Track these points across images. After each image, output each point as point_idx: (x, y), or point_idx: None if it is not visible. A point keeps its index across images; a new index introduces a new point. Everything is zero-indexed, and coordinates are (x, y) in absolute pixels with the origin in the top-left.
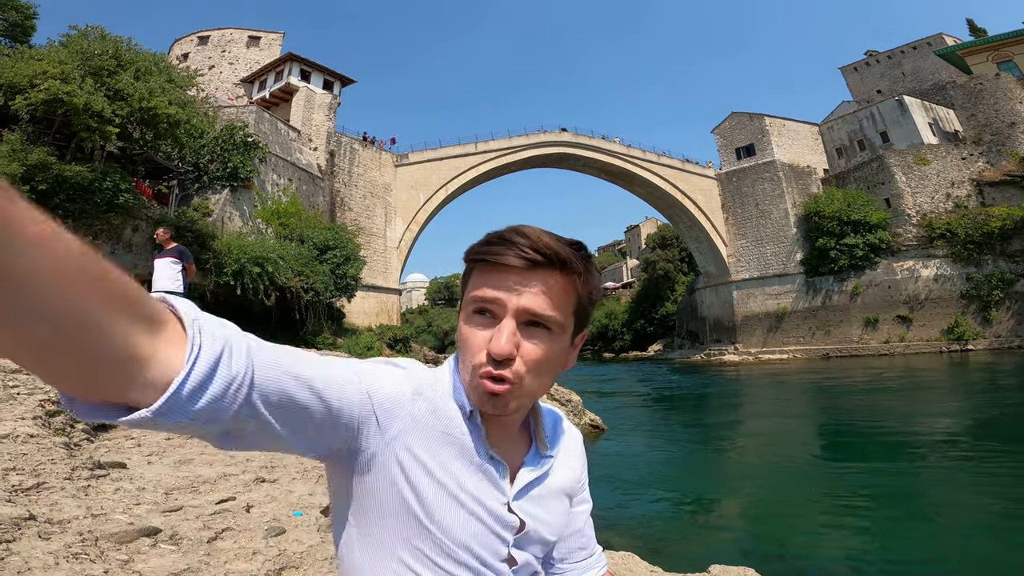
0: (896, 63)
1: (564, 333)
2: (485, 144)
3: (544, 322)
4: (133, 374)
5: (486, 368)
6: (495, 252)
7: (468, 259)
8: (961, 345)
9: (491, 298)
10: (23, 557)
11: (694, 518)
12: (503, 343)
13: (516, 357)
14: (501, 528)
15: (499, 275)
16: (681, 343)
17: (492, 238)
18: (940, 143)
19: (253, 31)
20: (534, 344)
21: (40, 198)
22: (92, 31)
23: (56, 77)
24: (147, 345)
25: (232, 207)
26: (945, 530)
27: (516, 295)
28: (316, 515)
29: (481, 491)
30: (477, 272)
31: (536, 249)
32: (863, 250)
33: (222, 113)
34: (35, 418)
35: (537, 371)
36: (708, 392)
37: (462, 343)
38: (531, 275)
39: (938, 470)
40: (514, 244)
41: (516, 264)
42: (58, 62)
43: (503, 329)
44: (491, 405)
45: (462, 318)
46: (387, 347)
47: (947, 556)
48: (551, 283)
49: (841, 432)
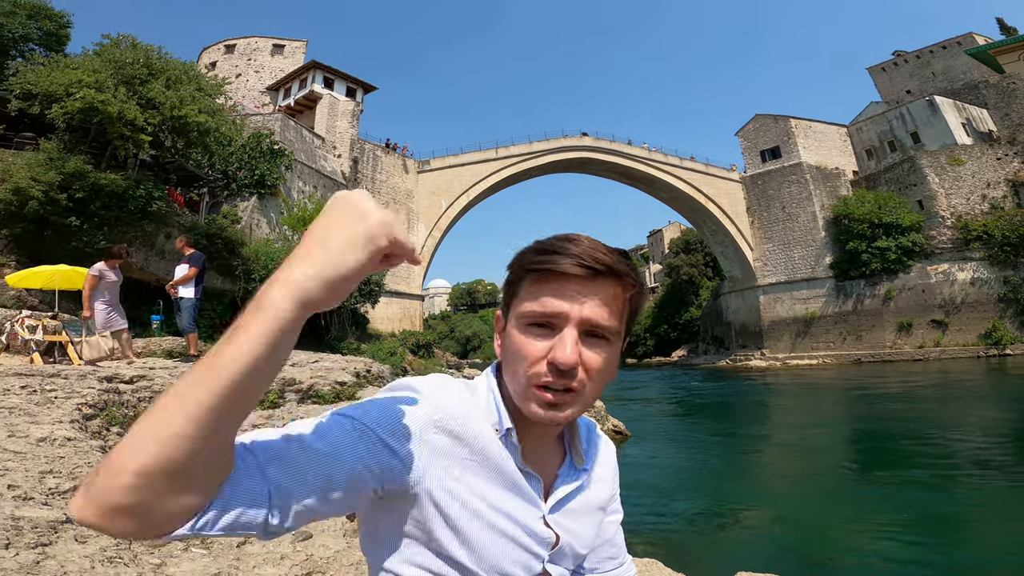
0: (925, 63)
1: (619, 342)
2: (506, 150)
3: (603, 333)
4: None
5: (547, 379)
6: (552, 261)
7: (521, 269)
8: (999, 350)
9: (554, 311)
10: (59, 561)
11: (719, 526)
12: (568, 353)
13: (579, 367)
14: (536, 544)
15: (558, 285)
16: (706, 348)
17: (545, 247)
18: (974, 143)
19: (277, 39)
20: (595, 354)
21: (77, 205)
22: (124, 40)
23: (91, 86)
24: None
25: (259, 214)
26: (979, 548)
27: (578, 305)
28: (342, 520)
29: (516, 509)
30: (530, 282)
31: (595, 259)
32: (895, 253)
33: (249, 121)
34: (72, 422)
35: (597, 380)
36: (734, 398)
37: (515, 353)
38: (591, 285)
39: (975, 484)
40: (571, 253)
41: (577, 273)
42: (92, 71)
43: (566, 339)
44: (547, 415)
45: (513, 327)
46: (410, 353)
47: (977, 562)
48: (610, 293)
49: (875, 441)
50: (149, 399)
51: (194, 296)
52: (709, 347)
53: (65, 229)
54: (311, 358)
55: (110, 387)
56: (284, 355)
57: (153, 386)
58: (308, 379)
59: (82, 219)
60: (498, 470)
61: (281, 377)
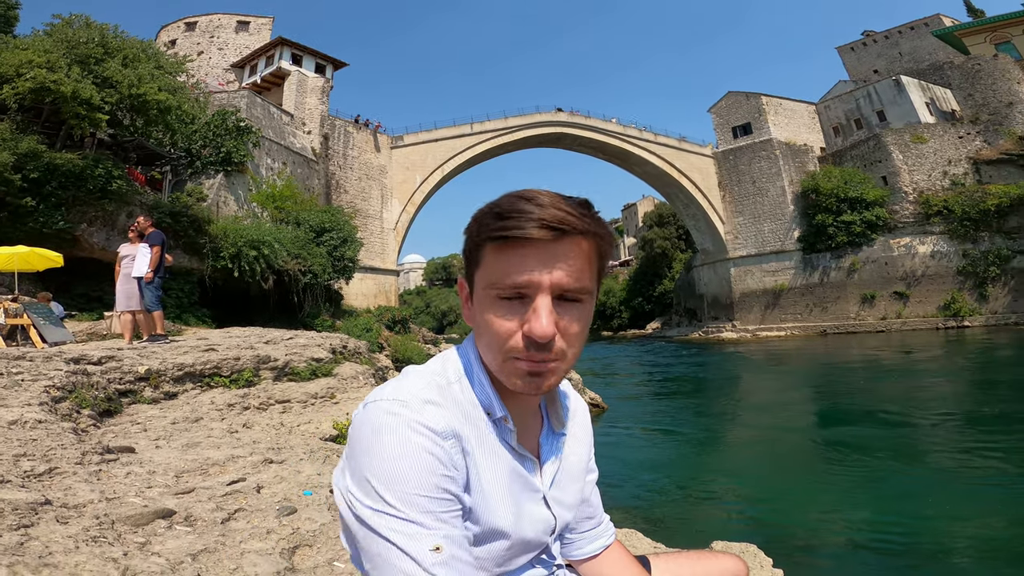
0: (893, 43)
1: (591, 299)
2: (481, 125)
3: (576, 295)
4: None
5: (524, 352)
6: (515, 226)
7: (481, 236)
8: (958, 321)
9: (523, 282)
10: (43, 542)
11: (695, 496)
12: (545, 325)
13: (557, 335)
14: (543, 533)
15: (523, 251)
16: (679, 321)
17: (505, 210)
18: (937, 122)
19: (242, 16)
20: (570, 318)
21: (32, 186)
22: (77, 19)
23: (42, 66)
24: None
25: (227, 191)
26: (942, 501)
27: (548, 271)
28: (326, 494)
29: (522, 499)
30: (493, 249)
31: (559, 219)
32: (860, 227)
33: (213, 98)
34: (41, 404)
35: (575, 343)
36: (707, 370)
37: (488, 328)
38: (557, 246)
39: (936, 445)
40: (534, 217)
41: (542, 236)
42: (43, 51)
43: (540, 309)
44: (529, 385)
45: (481, 301)
46: (386, 328)
47: (943, 527)
48: (578, 251)
49: (840, 409)
50: (119, 380)
51: (142, 276)
52: (682, 319)
53: (21, 210)
54: (285, 335)
55: (78, 368)
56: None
57: (122, 367)
58: (283, 356)
59: (38, 199)
60: (500, 457)
61: (256, 355)
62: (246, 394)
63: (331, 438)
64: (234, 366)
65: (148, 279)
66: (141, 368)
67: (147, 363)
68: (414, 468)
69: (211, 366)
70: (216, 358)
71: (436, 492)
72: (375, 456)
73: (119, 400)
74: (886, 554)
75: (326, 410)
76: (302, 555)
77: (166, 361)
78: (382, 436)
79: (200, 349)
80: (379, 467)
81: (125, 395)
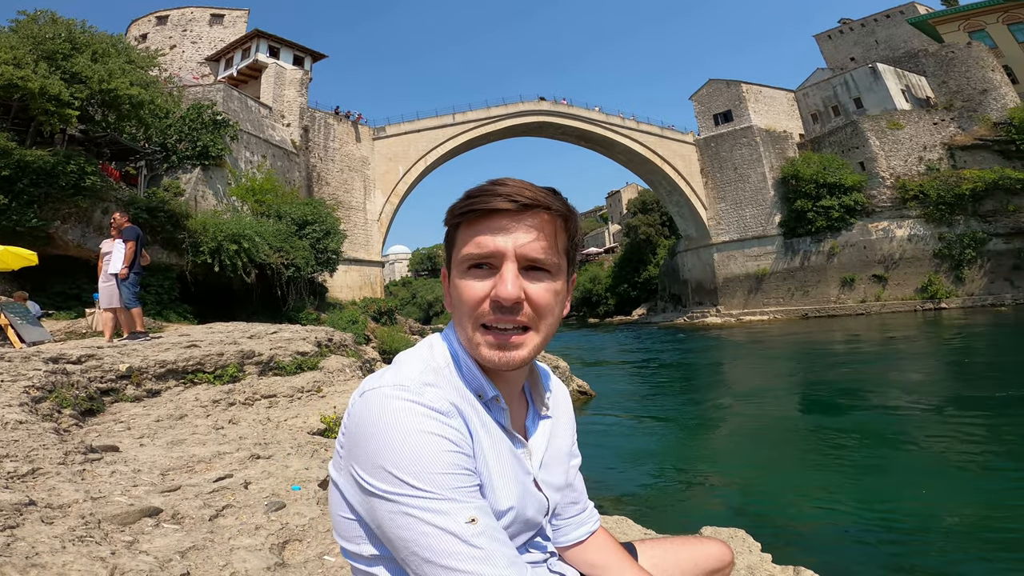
0: (869, 31)
1: (561, 274)
2: (463, 115)
3: (543, 265)
4: None
5: (491, 317)
6: (482, 201)
7: (453, 216)
8: (935, 304)
9: (488, 250)
10: (29, 542)
11: (684, 483)
12: (510, 288)
13: (523, 302)
14: (539, 513)
15: (490, 223)
16: (664, 306)
17: (474, 191)
18: (913, 109)
19: (216, 9)
20: (538, 287)
21: (3, 184)
22: (42, 15)
23: (8, 63)
24: None
25: (205, 186)
26: (925, 483)
27: (512, 239)
28: (314, 489)
29: (518, 479)
30: (465, 227)
31: (522, 193)
32: (839, 211)
33: (188, 92)
34: (21, 404)
35: (545, 314)
36: (693, 355)
37: (459, 298)
38: (522, 217)
39: (918, 428)
40: (499, 192)
41: (507, 207)
42: (9, 48)
43: (506, 274)
44: (500, 357)
45: (455, 276)
46: (372, 320)
47: (926, 509)
48: (542, 223)
49: (825, 394)
50: (100, 378)
51: (130, 270)
52: (667, 305)
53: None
54: (269, 329)
55: (57, 368)
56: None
57: (103, 365)
58: (268, 351)
59: (10, 197)
60: (496, 438)
61: (240, 350)
62: (231, 390)
63: (318, 432)
64: (218, 362)
65: (123, 275)
66: (122, 366)
67: (128, 361)
68: (430, 449)
69: (194, 362)
70: (199, 354)
71: (455, 469)
72: (386, 443)
73: (101, 399)
74: (872, 536)
75: (313, 404)
76: (292, 550)
77: (147, 358)
78: (390, 422)
79: (182, 346)
80: (394, 453)
81: (107, 394)
